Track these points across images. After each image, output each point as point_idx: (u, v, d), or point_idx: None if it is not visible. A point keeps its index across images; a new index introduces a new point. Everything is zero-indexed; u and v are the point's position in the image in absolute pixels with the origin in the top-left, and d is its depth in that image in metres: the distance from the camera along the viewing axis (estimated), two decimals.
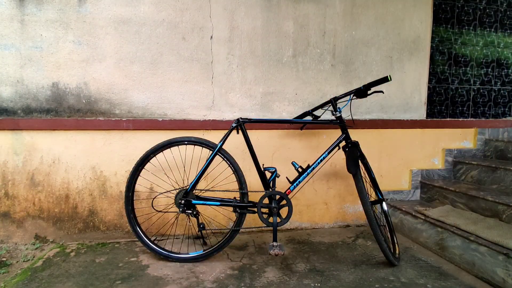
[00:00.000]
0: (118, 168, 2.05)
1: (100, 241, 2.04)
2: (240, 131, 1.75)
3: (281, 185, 1.88)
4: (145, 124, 2.05)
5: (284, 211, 1.71)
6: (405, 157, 2.45)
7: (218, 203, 1.76)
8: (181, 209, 1.72)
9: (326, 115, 2.07)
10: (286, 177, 1.80)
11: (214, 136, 2.03)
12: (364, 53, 2.35)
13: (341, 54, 2.32)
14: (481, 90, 2.74)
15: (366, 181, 1.75)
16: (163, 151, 1.82)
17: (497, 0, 2.68)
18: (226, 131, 1.76)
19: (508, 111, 2.84)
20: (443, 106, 2.66)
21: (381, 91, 1.75)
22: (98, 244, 2.00)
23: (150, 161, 1.82)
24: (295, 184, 1.74)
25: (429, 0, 2.45)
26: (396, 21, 2.39)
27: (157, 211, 1.88)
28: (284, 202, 1.71)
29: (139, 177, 1.82)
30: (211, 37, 2.12)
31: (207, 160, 1.75)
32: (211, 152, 1.76)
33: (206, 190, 1.88)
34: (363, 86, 1.68)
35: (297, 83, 2.27)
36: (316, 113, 1.94)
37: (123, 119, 2.03)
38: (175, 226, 2.07)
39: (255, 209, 1.72)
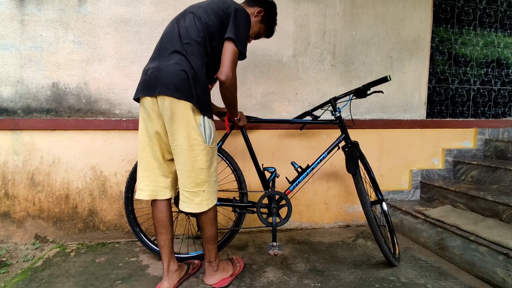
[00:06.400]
0: (118, 168, 2.05)
1: (100, 241, 2.04)
2: (239, 131, 1.75)
3: (281, 185, 1.88)
4: None
5: (283, 211, 1.71)
6: (405, 157, 2.45)
7: (217, 202, 1.75)
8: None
9: (326, 115, 2.07)
10: (286, 177, 1.80)
11: None
12: (364, 53, 2.35)
13: (341, 54, 2.31)
14: (481, 90, 2.74)
15: (366, 181, 1.75)
16: None
17: (497, 0, 2.68)
18: (225, 131, 1.76)
19: (508, 111, 2.84)
20: (443, 106, 2.66)
21: (381, 91, 1.74)
22: (98, 244, 2.00)
23: None
24: (294, 184, 1.74)
25: (429, 0, 2.44)
26: (396, 21, 2.39)
27: None
28: (283, 202, 1.71)
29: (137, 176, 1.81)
30: None
31: None
32: None
33: None
34: (363, 86, 1.68)
35: (297, 83, 2.26)
36: (316, 113, 1.93)
37: (123, 119, 2.03)
38: (174, 226, 2.06)
39: (255, 209, 1.72)
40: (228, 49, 1.30)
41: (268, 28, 1.63)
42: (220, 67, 1.30)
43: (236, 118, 1.60)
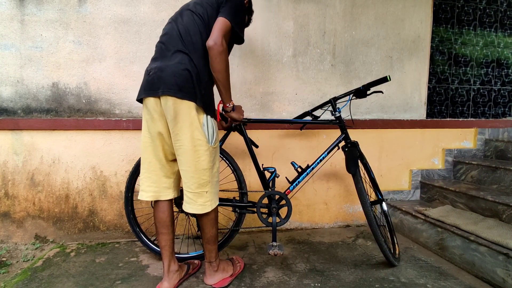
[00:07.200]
0: (118, 168, 2.05)
1: (100, 241, 2.04)
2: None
3: (281, 185, 1.88)
4: None
5: (283, 211, 1.71)
6: (405, 157, 2.45)
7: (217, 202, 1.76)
8: (180, 209, 1.72)
9: (326, 115, 2.07)
10: (286, 177, 1.80)
11: None
12: (364, 53, 2.35)
13: (341, 54, 2.32)
14: (481, 90, 2.74)
15: (365, 181, 1.75)
16: None
17: (497, 0, 2.68)
18: (225, 131, 1.76)
19: (508, 111, 2.84)
20: (443, 106, 2.66)
21: (381, 91, 1.74)
22: (98, 244, 2.00)
23: None
24: (294, 184, 1.74)
25: (429, 0, 2.45)
26: (396, 21, 2.39)
27: None
28: (283, 202, 1.71)
29: (139, 177, 1.81)
30: None
31: None
32: None
33: None
34: (363, 86, 1.68)
35: (297, 83, 2.27)
36: (316, 113, 1.93)
37: (123, 119, 2.03)
38: (174, 226, 2.07)
39: (255, 209, 1.71)
40: (219, 20, 1.27)
41: (248, 19, 1.63)
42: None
43: (228, 105, 1.44)
